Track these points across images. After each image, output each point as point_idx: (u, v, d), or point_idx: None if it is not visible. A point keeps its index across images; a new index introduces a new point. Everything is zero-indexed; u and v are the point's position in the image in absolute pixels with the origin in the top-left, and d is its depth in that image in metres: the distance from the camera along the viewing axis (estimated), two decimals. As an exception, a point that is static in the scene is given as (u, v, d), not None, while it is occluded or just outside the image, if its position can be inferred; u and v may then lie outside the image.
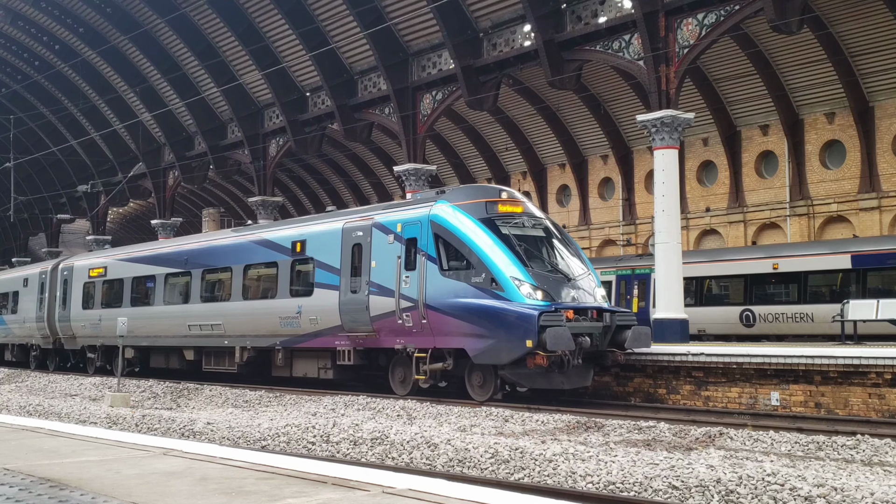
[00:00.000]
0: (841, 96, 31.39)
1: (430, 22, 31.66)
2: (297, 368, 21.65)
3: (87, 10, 41.74)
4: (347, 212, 22.26)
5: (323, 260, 20.40)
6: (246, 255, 23.10)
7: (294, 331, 21.06)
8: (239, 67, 39.55)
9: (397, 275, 18.34)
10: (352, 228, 19.93)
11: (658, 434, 12.97)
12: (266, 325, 21.89)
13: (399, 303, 18.20)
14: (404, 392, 18.73)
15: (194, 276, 24.84)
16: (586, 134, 39.06)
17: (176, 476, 6.35)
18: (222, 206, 59.02)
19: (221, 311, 23.56)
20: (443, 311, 17.42)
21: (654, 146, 25.55)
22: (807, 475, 8.78)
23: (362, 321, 19.10)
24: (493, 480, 9.64)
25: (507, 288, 16.70)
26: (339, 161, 49.01)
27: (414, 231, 18.35)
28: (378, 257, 18.94)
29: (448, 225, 17.81)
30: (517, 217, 18.24)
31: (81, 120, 50.27)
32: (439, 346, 17.77)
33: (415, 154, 33.02)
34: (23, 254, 65.00)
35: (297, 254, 21.31)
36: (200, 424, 14.48)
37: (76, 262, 31.68)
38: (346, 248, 19.86)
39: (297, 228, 22.05)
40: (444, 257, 17.71)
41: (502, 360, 16.80)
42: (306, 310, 20.59)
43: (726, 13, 24.32)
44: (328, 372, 20.71)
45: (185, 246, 26.28)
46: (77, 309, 30.12)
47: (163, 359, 26.49)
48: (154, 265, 26.72)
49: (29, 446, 8.28)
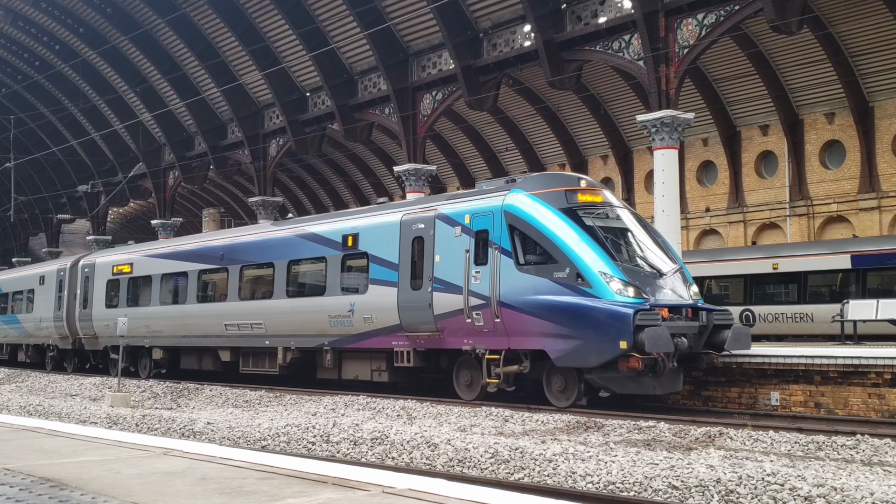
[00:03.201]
0: (841, 96, 31.39)
1: (430, 22, 31.68)
2: (346, 370, 20.29)
3: (87, 10, 41.76)
4: (404, 203, 20.74)
5: (378, 254, 19.04)
6: (290, 249, 21.65)
7: (345, 330, 19.73)
8: (239, 67, 39.56)
9: (466, 270, 17.00)
10: (412, 220, 18.49)
11: (658, 434, 12.97)
12: (313, 325, 20.54)
13: (468, 300, 16.86)
14: (471, 397, 17.33)
15: (231, 272, 23.37)
16: (586, 134, 39.07)
17: (176, 476, 6.35)
18: (222, 206, 59.04)
19: (262, 310, 22.15)
20: (519, 310, 16.09)
21: (653, 146, 25.56)
22: (807, 475, 8.78)
23: (425, 320, 17.76)
24: (493, 480, 9.65)
25: (595, 284, 15.37)
26: (339, 161, 49.02)
27: (485, 222, 16.95)
28: (443, 251, 17.60)
29: (525, 216, 16.38)
30: (599, 207, 16.89)
31: (81, 120, 50.29)
32: (514, 347, 16.40)
33: (415, 154, 33.03)
34: (23, 254, 65.00)
35: (348, 248, 19.96)
36: (200, 424, 14.48)
37: (98, 258, 30.14)
38: (405, 241, 18.49)
39: (348, 221, 20.65)
40: (520, 251, 16.35)
41: (590, 363, 15.43)
42: (360, 308, 19.27)
43: (726, 13, 24.34)
44: (382, 374, 19.33)
45: (221, 241, 24.71)
46: (100, 307, 28.65)
47: (195, 360, 25.13)
48: (186, 261, 25.16)
49: (29, 446, 8.28)
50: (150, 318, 26.06)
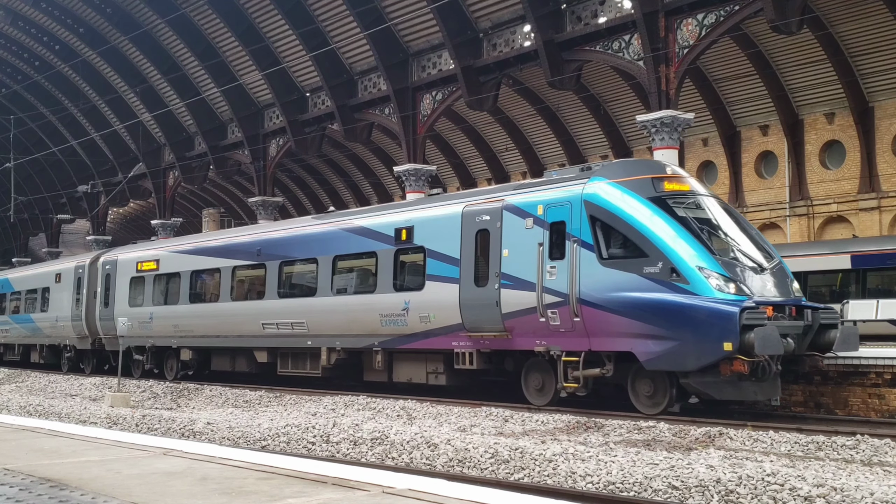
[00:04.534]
0: (841, 96, 31.40)
1: (430, 22, 31.68)
2: (399, 373, 18.97)
3: (87, 10, 41.79)
4: (464, 194, 19.45)
5: (437, 249, 17.77)
6: (335, 244, 20.37)
7: (398, 330, 18.48)
8: (239, 67, 39.57)
9: (539, 265, 15.76)
10: (475, 212, 17.22)
11: (658, 434, 12.97)
12: (362, 324, 19.28)
13: (542, 297, 15.61)
14: (542, 402, 16.11)
15: (269, 268, 21.98)
16: (586, 134, 39.07)
17: (176, 476, 6.35)
18: (222, 207, 59.05)
19: (305, 308, 20.84)
20: (602, 308, 14.83)
21: (653, 146, 25.56)
22: (806, 475, 8.78)
23: (491, 319, 16.51)
24: (493, 480, 9.65)
25: (692, 280, 14.09)
26: (339, 161, 49.02)
27: (562, 213, 15.67)
28: (511, 245, 16.36)
29: (609, 206, 15.11)
30: (688, 196, 15.60)
31: (81, 120, 50.32)
32: (596, 348, 15.13)
33: (415, 154, 33.04)
34: (23, 254, 65.01)
35: (401, 242, 18.67)
36: (200, 424, 14.48)
37: (120, 254, 28.70)
38: (467, 234, 17.24)
39: (401, 214, 19.32)
40: (603, 244, 15.08)
41: (687, 366, 14.13)
42: (415, 306, 18.02)
43: (726, 13, 24.35)
44: (439, 377, 18.07)
45: (258, 235, 23.38)
46: (122, 306, 27.23)
47: (228, 361, 23.85)
48: (219, 257, 23.82)
49: (29, 446, 8.29)
50: (178, 317, 24.97)
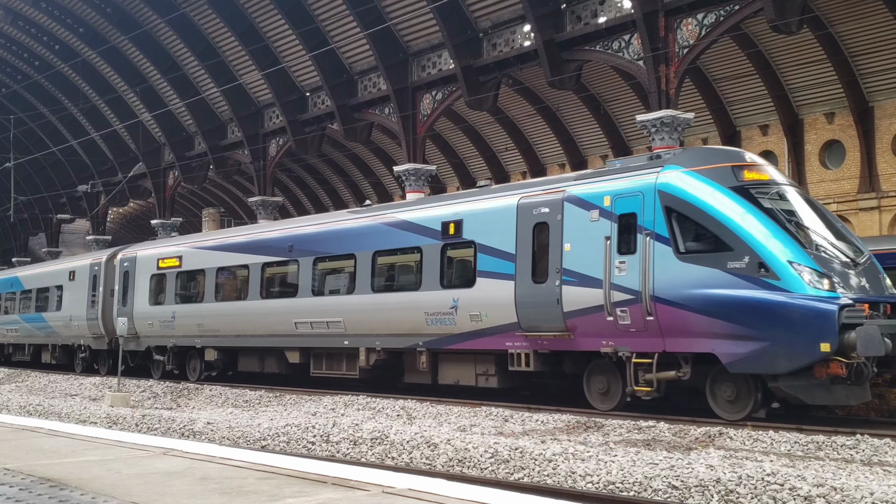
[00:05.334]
0: (841, 96, 31.39)
1: (430, 22, 31.68)
2: (445, 374, 18.09)
3: (87, 10, 41.78)
4: (518, 185, 18.29)
5: (489, 243, 16.83)
6: (375, 239, 19.40)
7: (446, 329, 17.52)
8: (239, 67, 39.57)
9: (606, 260, 14.79)
10: (532, 204, 16.24)
11: (658, 434, 12.97)
12: (405, 323, 18.39)
13: (609, 295, 14.66)
14: (608, 407, 15.20)
15: (303, 265, 21.06)
16: (586, 134, 39.04)
17: (176, 476, 6.35)
18: (222, 206, 59.05)
19: (341, 307, 19.89)
20: (680, 305, 13.86)
21: (653, 146, 25.53)
22: (806, 475, 8.78)
23: (550, 318, 15.57)
24: (493, 480, 9.65)
25: (783, 275, 13.12)
26: (339, 161, 49.01)
27: (632, 205, 14.70)
28: (573, 239, 15.39)
29: (688, 196, 14.14)
30: (770, 185, 14.61)
31: (81, 120, 50.31)
32: (671, 349, 14.17)
33: (415, 154, 33.04)
34: (23, 254, 64.99)
35: (449, 236, 17.71)
36: (200, 424, 14.48)
37: (140, 251, 27.64)
38: (523, 228, 16.28)
39: (448, 207, 18.29)
40: (680, 237, 14.12)
41: (777, 369, 13.20)
42: (465, 304, 17.06)
43: (726, 13, 24.34)
44: (490, 379, 17.20)
45: (289, 231, 22.36)
46: (142, 305, 26.33)
47: (256, 361, 22.99)
48: (247, 253, 22.83)
49: (29, 446, 8.29)
50: (203, 315, 24.07)
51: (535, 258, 16.07)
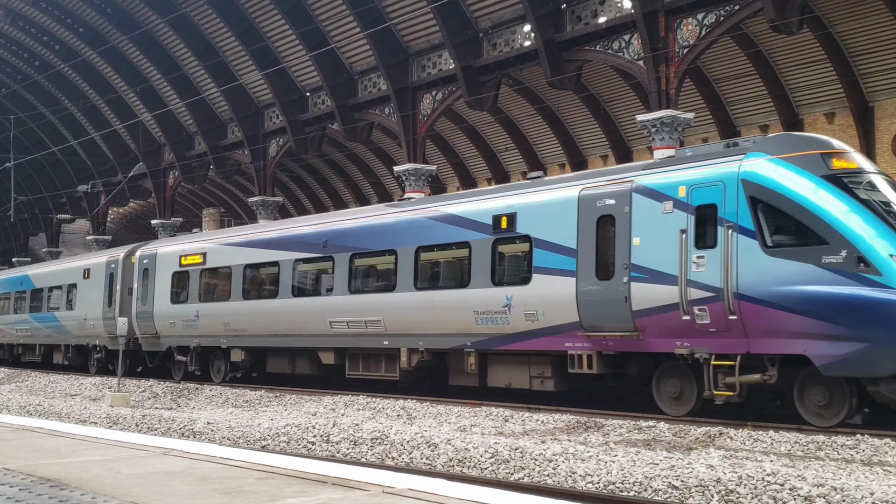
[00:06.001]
0: (841, 96, 31.40)
1: (430, 22, 31.68)
2: (495, 376, 17.21)
3: (87, 10, 41.78)
4: (578, 175, 17.22)
5: (546, 238, 15.94)
6: (418, 234, 18.54)
7: (497, 329, 16.66)
8: (239, 67, 39.57)
9: (682, 255, 13.93)
10: (596, 196, 15.32)
11: (658, 434, 12.97)
12: (452, 322, 17.53)
13: (686, 292, 13.79)
14: (680, 412, 14.30)
15: (338, 261, 20.19)
16: (586, 134, 39.05)
17: (176, 476, 6.35)
18: (222, 206, 59.09)
19: (381, 305, 19.05)
20: (767, 303, 13.00)
21: (653, 146, 25.56)
22: (806, 475, 8.78)
23: (617, 317, 14.70)
24: (493, 480, 9.65)
25: (885, 270, 12.26)
26: (339, 161, 49.02)
27: (711, 195, 13.82)
28: (644, 232, 14.53)
29: (776, 185, 13.26)
30: (861, 174, 13.66)
31: (81, 120, 50.31)
32: (756, 350, 13.29)
33: (415, 154, 33.04)
34: (23, 254, 65.01)
35: (501, 231, 16.85)
36: (200, 424, 14.49)
37: (160, 248, 26.80)
38: (585, 221, 15.37)
39: (500, 199, 17.34)
40: (767, 229, 13.25)
41: (880, 371, 12.35)
42: (520, 302, 16.20)
43: (726, 13, 24.35)
44: (546, 382, 16.34)
45: (323, 226, 21.45)
46: (163, 303, 25.50)
47: (286, 362, 22.22)
48: (277, 249, 22.01)
49: (29, 446, 8.29)
50: (229, 314, 23.24)
51: (599, 253, 15.17)
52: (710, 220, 13.81)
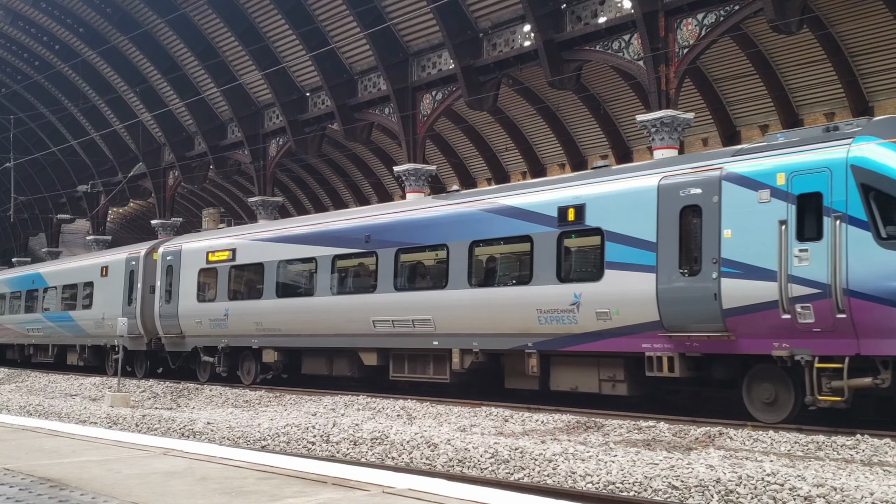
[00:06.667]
0: (841, 96, 31.40)
1: (430, 22, 31.68)
2: (559, 379, 16.21)
3: (87, 10, 41.79)
4: (656, 163, 16.11)
5: (620, 230, 14.91)
6: (471, 228, 17.49)
7: (563, 328, 15.63)
8: (239, 67, 39.58)
9: (781, 248, 12.88)
10: (679, 185, 14.24)
11: (658, 434, 12.97)
12: (511, 321, 16.56)
13: (786, 288, 12.77)
14: (775, 419, 13.27)
15: (382, 257, 19.20)
16: (586, 134, 39.05)
17: (176, 476, 6.35)
18: (222, 206, 59.08)
19: (431, 303, 18.04)
20: (883, 301, 12.04)
21: (653, 146, 25.56)
22: (806, 475, 8.78)
23: (705, 316, 13.67)
24: (493, 480, 9.65)
25: None
26: (339, 161, 49.02)
27: (816, 183, 12.74)
28: (736, 224, 13.48)
29: (891, 171, 12.29)
30: None
31: (81, 120, 50.32)
32: (868, 352, 12.30)
33: (415, 154, 33.05)
34: (23, 254, 65.01)
35: (567, 223, 15.77)
36: (200, 424, 14.49)
37: (185, 244, 25.73)
38: (666, 212, 14.30)
39: (565, 190, 16.17)
40: (881, 219, 12.24)
41: None
42: (590, 300, 15.17)
43: (726, 13, 24.34)
44: (618, 386, 15.30)
45: (366, 220, 20.36)
46: (189, 302, 24.56)
47: (324, 363, 21.22)
48: (314, 245, 21.05)
49: (29, 446, 8.29)
50: (261, 313, 22.29)
51: (682, 247, 14.13)
52: (814, 209, 12.79)
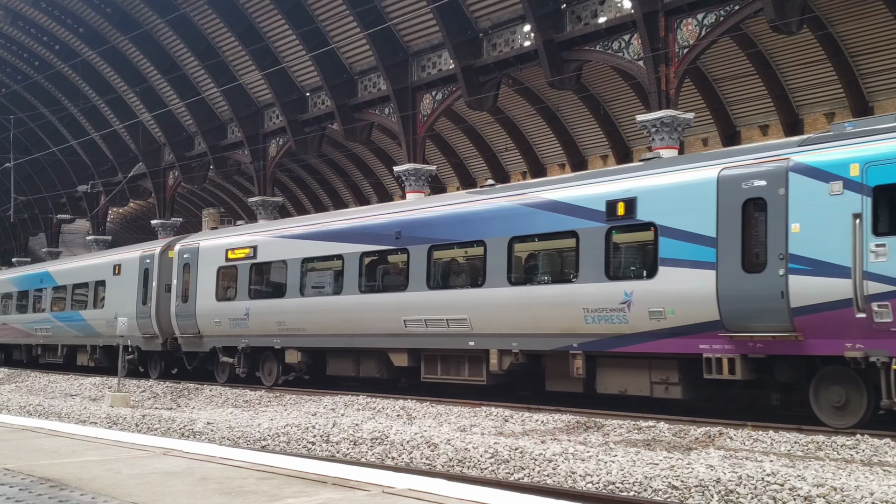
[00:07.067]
0: (841, 96, 31.40)
1: (430, 22, 31.69)
2: (606, 382, 15.48)
3: (87, 10, 41.80)
4: (714, 154, 15.29)
5: (675, 225, 14.19)
6: (511, 223, 16.80)
7: (612, 328, 14.96)
8: (239, 67, 39.58)
9: (856, 243, 12.20)
10: (740, 176, 13.52)
11: (658, 434, 12.97)
12: (554, 321, 15.86)
13: (862, 286, 12.09)
14: (846, 423, 12.63)
15: (414, 254, 18.49)
16: (586, 134, 39.05)
17: (176, 476, 6.35)
18: (222, 206, 59.10)
19: (468, 302, 17.37)
20: None
21: (653, 146, 25.55)
22: (806, 475, 8.78)
23: (770, 315, 12.97)
24: (493, 480, 9.65)
25: None
26: (339, 161, 49.03)
27: (894, 173, 12.09)
28: (804, 217, 12.77)
29: None
30: None
31: (81, 120, 50.33)
32: None
33: (415, 154, 33.05)
34: (23, 254, 65.02)
35: (617, 218, 15.06)
36: (200, 424, 14.49)
37: (203, 241, 25.12)
38: (728, 205, 13.57)
39: (614, 183, 15.43)
40: None
41: None
42: (642, 298, 14.47)
43: (726, 13, 24.34)
44: (672, 389, 14.56)
45: (396, 215, 19.62)
46: (207, 300, 23.88)
47: (350, 364, 20.59)
48: (342, 242, 20.33)
49: (29, 446, 8.29)
50: (285, 312, 21.66)
51: (745, 242, 13.39)
52: (890, 202, 12.13)
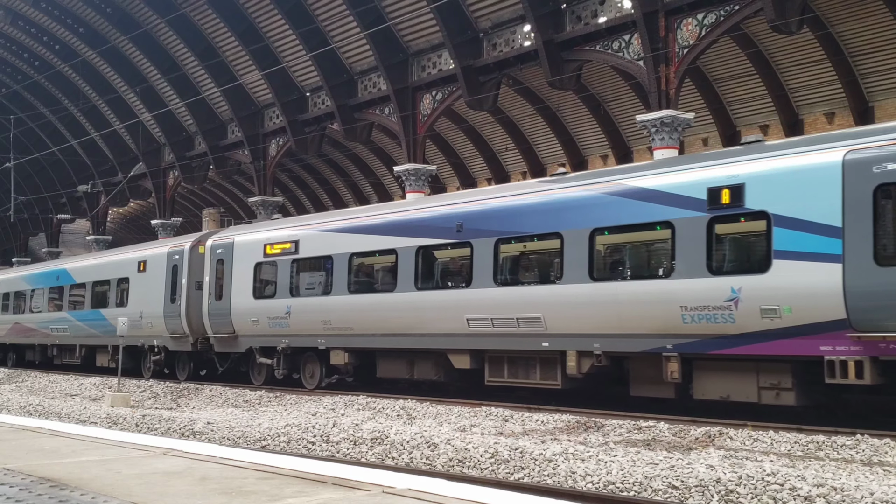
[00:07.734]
0: (841, 96, 31.40)
1: (430, 22, 31.69)
2: (705, 387, 14.15)
3: (87, 10, 41.81)
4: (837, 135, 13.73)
5: (792, 214, 12.92)
6: (591, 213, 15.47)
7: (715, 328, 13.66)
8: (239, 67, 39.59)
9: None
10: (870, 160, 12.31)
11: (658, 434, 12.97)
12: (646, 320, 14.57)
13: None
14: None
15: (479, 248, 17.12)
16: (586, 134, 39.05)
17: (176, 476, 6.35)
18: (222, 206, 59.10)
19: (541, 299, 16.05)
20: None
21: (653, 146, 25.57)
22: (806, 475, 8.78)
23: None
24: (493, 480, 9.65)
25: None
26: (339, 161, 49.04)
27: None
28: None
29: None
30: None
31: (81, 120, 50.35)
32: None
33: (415, 154, 33.06)
34: (23, 254, 65.02)
35: (720, 207, 13.74)
36: (200, 424, 14.49)
37: (238, 235, 23.84)
38: (855, 191, 12.32)
39: (715, 168, 14.13)
40: None
41: None
42: (753, 295, 13.20)
43: (726, 13, 24.35)
44: (784, 395, 13.29)
45: (457, 206, 18.23)
46: (244, 298, 22.67)
47: (405, 366, 19.25)
48: (394, 235, 19.03)
49: (29, 446, 8.29)
50: (330, 310, 20.32)
51: (877, 232, 12.19)
52: None
